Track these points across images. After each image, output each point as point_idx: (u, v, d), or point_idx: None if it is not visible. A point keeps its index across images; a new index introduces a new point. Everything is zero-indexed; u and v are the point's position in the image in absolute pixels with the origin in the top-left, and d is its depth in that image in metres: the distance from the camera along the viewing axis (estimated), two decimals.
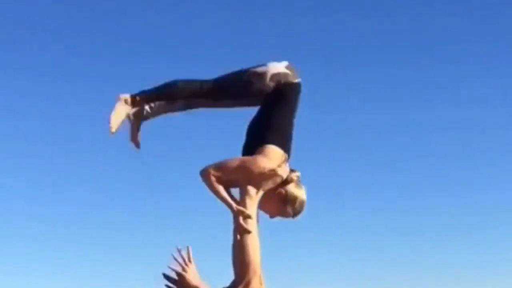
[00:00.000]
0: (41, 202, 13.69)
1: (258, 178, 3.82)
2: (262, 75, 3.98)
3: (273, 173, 3.84)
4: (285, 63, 4.05)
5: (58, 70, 14.04)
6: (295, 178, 3.91)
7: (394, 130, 14.26)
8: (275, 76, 3.99)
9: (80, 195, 13.75)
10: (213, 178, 3.78)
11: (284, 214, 3.93)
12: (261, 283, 3.76)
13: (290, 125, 4.01)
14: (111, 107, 3.98)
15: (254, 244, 3.77)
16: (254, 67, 4.03)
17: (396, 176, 14.02)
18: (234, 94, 4.04)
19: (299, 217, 3.98)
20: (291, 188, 3.89)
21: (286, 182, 3.89)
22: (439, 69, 14.30)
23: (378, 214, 13.58)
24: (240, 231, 3.73)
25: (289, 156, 3.94)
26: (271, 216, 3.96)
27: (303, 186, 3.96)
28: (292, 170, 3.94)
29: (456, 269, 12.98)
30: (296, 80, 4.02)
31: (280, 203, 3.89)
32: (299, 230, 12.86)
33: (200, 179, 3.82)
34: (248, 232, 3.72)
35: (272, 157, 3.86)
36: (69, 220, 13.59)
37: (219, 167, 3.81)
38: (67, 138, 13.98)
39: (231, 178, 3.82)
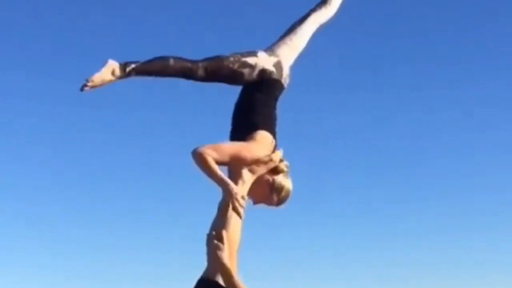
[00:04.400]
0: (40, 202, 13.70)
1: (252, 164, 3.86)
2: (252, 68, 4.04)
3: (267, 160, 3.88)
4: (274, 59, 4.11)
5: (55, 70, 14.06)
6: (285, 169, 3.95)
7: (393, 130, 14.28)
8: (262, 72, 4.05)
9: (79, 195, 13.76)
10: (209, 158, 3.75)
11: (269, 202, 3.96)
12: (234, 268, 3.75)
13: (274, 114, 4.07)
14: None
15: (237, 228, 3.76)
16: (244, 54, 4.07)
17: (395, 176, 14.04)
18: (222, 79, 4.06)
19: (282, 207, 3.99)
20: (280, 177, 3.92)
21: (275, 171, 3.92)
22: (440, 71, 14.31)
23: (378, 214, 13.59)
24: (235, 212, 3.71)
25: (276, 142, 3.98)
26: (255, 203, 3.98)
27: (290, 177, 3.98)
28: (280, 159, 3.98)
29: (456, 270, 13.00)
30: (280, 79, 4.09)
31: (266, 190, 3.92)
32: (301, 231, 12.88)
33: (192, 159, 3.78)
34: (240, 216, 3.72)
35: (264, 144, 3.90)
36: (67, 220, 13.60)
37: (215, 149, 3.80)
38: (66, 138, 13.99)
39: (224, 162, 3.83)
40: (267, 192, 3.93)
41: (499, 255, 12.91)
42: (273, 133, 4.01)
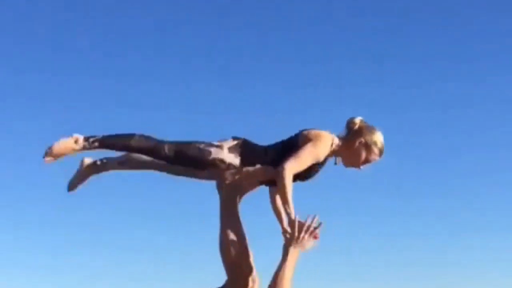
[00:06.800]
0: (39, 202, 13.69)
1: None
2: (219, 147, 4.08)
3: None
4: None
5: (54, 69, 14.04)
6: (363, 124, 4.20)
7: (393, 131, 14.26)
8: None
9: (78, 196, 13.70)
10: (291, 177, 3.94)
11: (372, 159, 4.20)
12: None
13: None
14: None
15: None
16: (209, 145, 4.10)
17: (396, 176, 14.04)
18: (188, 160, 4.06)
19: (384, 155, 4.19)
20: (367, 134, 4.16)
21: (359, 132, 4.17)
22: (443, 69, 14.30)
23: (378, 215, 13.59)
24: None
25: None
26: (360, 167, 4.21)
27: (373, 126, 4.24)
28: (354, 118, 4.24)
29: (456, 270, 12.99)
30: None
31: (364, 151, 4.15)
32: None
33: (280, 176, 3.91)
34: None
35: (324, 137, 4.10)
36: (66, 221, 13.59)
37: (297, 162, 3.97)
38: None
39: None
40: (366, 152, 4.15)
41: (499, 255, 12.93)
42: None
